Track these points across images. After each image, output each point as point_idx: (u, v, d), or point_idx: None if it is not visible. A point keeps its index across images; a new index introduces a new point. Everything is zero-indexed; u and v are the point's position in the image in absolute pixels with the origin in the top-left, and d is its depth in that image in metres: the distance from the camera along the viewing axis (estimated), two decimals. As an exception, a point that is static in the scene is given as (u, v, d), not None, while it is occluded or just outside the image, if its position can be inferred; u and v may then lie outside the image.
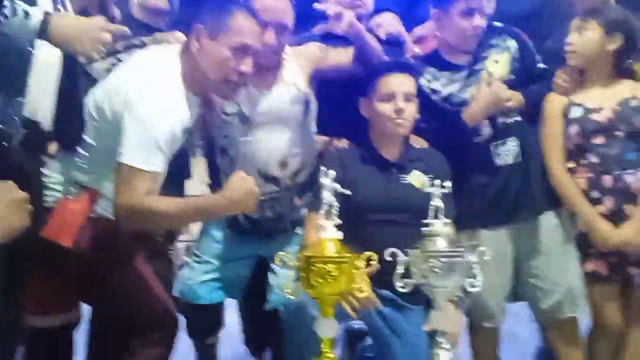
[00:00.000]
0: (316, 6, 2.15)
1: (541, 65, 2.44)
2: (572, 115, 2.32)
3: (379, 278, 1.96)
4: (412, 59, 2.52)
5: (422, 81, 2.37)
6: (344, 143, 2.39)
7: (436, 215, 1.84)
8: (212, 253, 2.36)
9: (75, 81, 1.92)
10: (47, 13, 1.68)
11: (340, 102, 2.35)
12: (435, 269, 1.77)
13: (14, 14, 1.62)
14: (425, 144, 2.35)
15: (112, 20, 2.23)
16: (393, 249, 1.83)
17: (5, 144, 1.67)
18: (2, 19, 1.60)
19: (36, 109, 1.78)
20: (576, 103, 2.33)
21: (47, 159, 1.92)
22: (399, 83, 2.22)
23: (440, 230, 1.82)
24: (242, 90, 2.17)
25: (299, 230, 2.31)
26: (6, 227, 1.28)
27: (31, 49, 1.69)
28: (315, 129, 2.37)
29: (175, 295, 2.35)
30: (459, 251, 1.81)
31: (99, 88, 1.96)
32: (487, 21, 2.37)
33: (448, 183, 1.91)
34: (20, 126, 1.70)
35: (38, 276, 1.89)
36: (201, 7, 1.99)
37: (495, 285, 2.27)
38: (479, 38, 2.38)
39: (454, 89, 2.39)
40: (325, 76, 2.34)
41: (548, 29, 2.67)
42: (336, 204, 1.80)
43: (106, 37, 1.73)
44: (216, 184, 2.34)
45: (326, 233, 1.78)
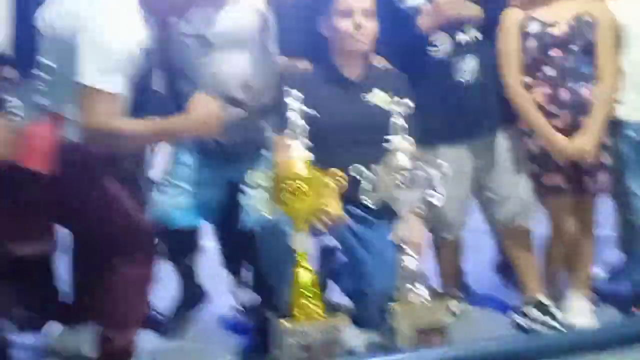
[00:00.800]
0: None
1: None
2: (529, 29, 2.37)
3: (346, 194, 2.03)
4: None
5: None
6: (305, 64, 2.40)
7: (397, 132, 1.91)
8: (184, 177, 2.40)
9: (28, 3, 1.88)
10: None
11: (299, 21, 2.36)
12: (398, 182, 1.86)
13: None
14: (386, 64, 2.39)
15: None
16: (358, 165, 1.90)
17: None
18: None
19: None
20: (533, 17, 2.37)
21: (6, 85, 1.91)
22: None
23: (401, 146, 1.90)
24: (198, 10, 2.17)
25: (264, 152, 2.35)
26: None
27: None
28: (275, 50, 2.38)
29: (151, 219, 2.40)
30: (420, 166, 1.90)
31: (49, 7, 1.91)
32: None
33: (409, 101, 1.97)
34: None
35: (8, 204, 1.90)
36: None
37: (455, 199, 2.34)
38: None
39: (419, 1, 2.36)
40: None
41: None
42: (303, 124, 1.86)
43: None
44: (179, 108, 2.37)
45: (294, 152, 1.85)
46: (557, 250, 2.53)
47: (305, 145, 1.88)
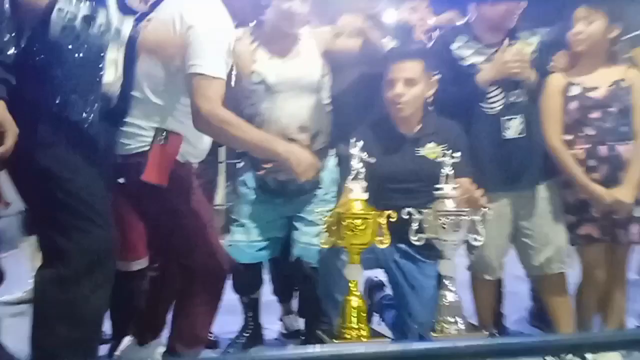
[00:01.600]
0: None
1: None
2: (571, 93, 2.58)
3: (397, 234, 2.25)
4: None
5: (453, 46, 2.61)
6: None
7: (446, 181, 2.16)
8: (247, 215, 2.63)
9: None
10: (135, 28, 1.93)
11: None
12: (444, 225, 2.10)
13: (108, 29, 1.85)
14: (443, 118, 2.59)
15: None
16: (409, 208, 2.15)
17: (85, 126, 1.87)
18: (90, 31, 1.81)
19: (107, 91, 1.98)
20: (575, 83, 2.59)
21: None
22: (399, 69, 2.46)
23: (449, 193, 2.14)
24: (266, 61, 2.48)
25: (317, 191, 2.60)
26: None
27: (104, 54, 1.89)
28: (328, 100, 2.64)
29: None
30: (464, 211, 2.13)
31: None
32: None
33: (458, 153, 2.21)
34: (97, 114, 1.88)
35: (127, 222, 2.13)
36: None
37: (495, 242, 2.56)
38: (516, 19, 2.59)
39: (479, 60, 2.60)
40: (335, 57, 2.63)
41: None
42: (362, 170, 2.12)
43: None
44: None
45: (354, 194, 2.11)
46: (589, 297, 2.66)
47: (363, 189, 2.13)
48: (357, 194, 2.10)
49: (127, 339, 2.43)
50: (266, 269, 2.94)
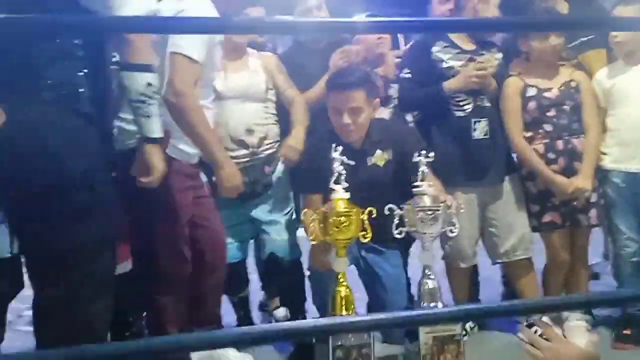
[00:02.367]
0: None
1: None
2: (529, 94, 2.83)
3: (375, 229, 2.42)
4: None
5: (433, 49, 2.83)
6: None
7: (422, 178, 2.38)
8: None
9: None
10: None
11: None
12: (423, 219, 2.33)
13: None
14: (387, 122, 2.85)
15: None
16: (391, 205, 2.37)
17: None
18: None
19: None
20: (531, 84, 2.84)
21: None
22: (343, 100, 2.56)
23: (426, 190, 2.37)
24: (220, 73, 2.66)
25: (269, 192, 2.79)
26: None
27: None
28: (274, 111, 2.86)
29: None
30: (440, 206, 2.36)
31: None
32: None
33: (431, 153, 2.43)
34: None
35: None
36: None
37: (468, 233, 2.80)
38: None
39: (456, 65, 2.83)
40: None
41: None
42: (343, 172, 2.33)
43: None
44: None
45: (337, 194, 2.32)
46: (556, 278, 2.91)
47: (345, 189, 2.34)
48: (340, 194, 2.31)
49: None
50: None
